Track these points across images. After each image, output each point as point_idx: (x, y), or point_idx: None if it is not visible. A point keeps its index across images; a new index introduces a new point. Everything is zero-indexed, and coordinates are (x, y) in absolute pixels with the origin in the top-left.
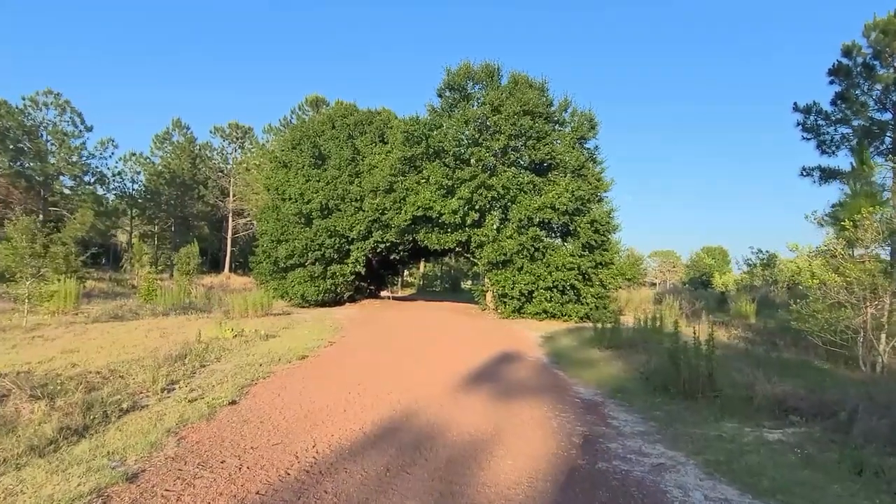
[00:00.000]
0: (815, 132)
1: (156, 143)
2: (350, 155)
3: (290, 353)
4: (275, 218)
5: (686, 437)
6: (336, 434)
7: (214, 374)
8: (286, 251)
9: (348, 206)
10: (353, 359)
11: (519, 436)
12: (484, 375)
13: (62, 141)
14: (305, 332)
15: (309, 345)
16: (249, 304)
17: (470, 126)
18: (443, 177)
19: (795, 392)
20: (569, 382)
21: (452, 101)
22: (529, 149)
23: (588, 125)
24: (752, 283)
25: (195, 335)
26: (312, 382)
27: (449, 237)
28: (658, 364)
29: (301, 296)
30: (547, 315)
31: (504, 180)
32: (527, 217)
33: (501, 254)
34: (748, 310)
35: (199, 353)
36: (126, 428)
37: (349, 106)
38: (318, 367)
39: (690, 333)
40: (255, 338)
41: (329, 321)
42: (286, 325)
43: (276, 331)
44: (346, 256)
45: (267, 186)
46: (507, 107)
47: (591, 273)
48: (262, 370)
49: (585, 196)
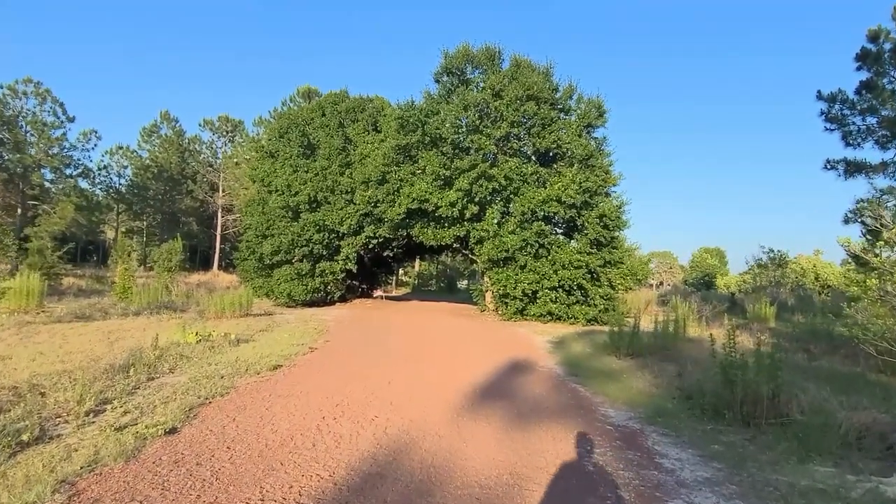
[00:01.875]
0: (840, 122)
1: (143, 136)
2: (341, 144)
3: (262, 362)
4: (260, 211)
5: (770, 488)
6: (295, 486)
7: (162, 391)
8: (271, 247)
9: (338, 198)
10: (336, 369)
11: (547, 489)
12: (491, 392)
13: (42, 131)
14: (285, 335)
15: (286, 351)
16: (226, 303)
17: (470, 112)
18: (440, 166)
19: (881, 418)
20: (593, 401)
21: (450, 86)
22: (533, 136)
23: (596, 112)
24: (761, 283)
25: (152, 340)
26: (280, 402)
27: (446, 232)
28: (698, 378)
29: (287, 295)
30: (552, 317)
31: (506, 170)
32: (531, 210)
33: (503, 250)
34: (768, 313)
35: (151, 363)
36: (10, 474)
37: (340, 93)
38: (290, 381)
39: (713, 338)
40: (224, 343)
41: (314, 323)
42: (265, 327)
43: (252, 334)
44: (335, 253)
45: (252, 178)
46: (510, 91)
47: (599, 272)
48: (222, 385)
49: (594, 188)
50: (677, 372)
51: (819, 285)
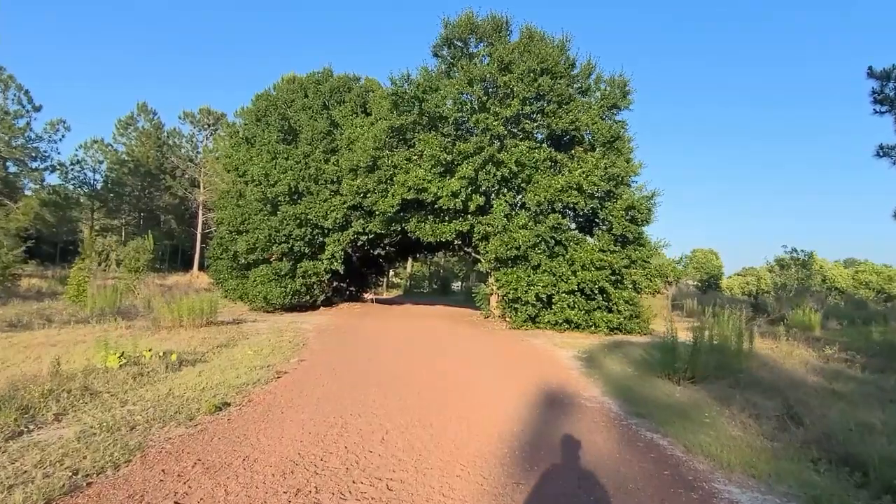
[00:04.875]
0: (893, 104)
1: (119, 128)
2: (325, 128)
3: (202, 397)
4: (234, 204)
5: None
6: None
7: (19, 461)
8: (246, 244)
9: (322, 188)
10: (305, 411)
11: None
12: (533, 453)
13: (1, 119)
14: (249, 353)
15: (242, 379)
16: (184, 310)
17: (475, 88)
18: (440, 150)
19: None
20: (696, 469)
21: (451, 60)
22: (549, 116)
23: (620, 92)
24: (784, 284)
25: (51, 364)
26: (206, 483)
27: (446, 227)
28: (823, 422)
29: (264, 298)
30: (570, 325)
31: (517, 155)
32: (547, 201)
33: (513, 247)
34: (813, 320)
35: (28, 404)
36: None
37: (324, 71)
38: (234, 436)
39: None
40: (160, 366)
41: (290, 334)
42: (226, 340)
43: (205, 351)
44: (320, 251)
45: (226, 167)
46: (522, 64)
47: (624, 273)
48: (124, 446)
49: (621, 175)
50: (784, 410)
51: (826, 288)
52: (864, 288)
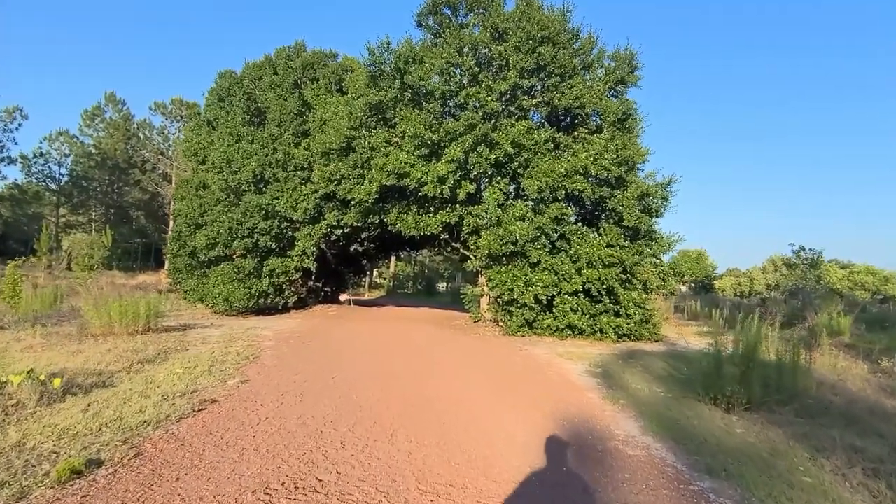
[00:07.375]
0: None
1: (85, 119)
2: (296, 108)
3: (62, 452)
4: (193, 194)
5: None
6: None
7: None
8: (206, 238)
9: (291, 176)
10: (219, 469)
11: None
12: None
13: None
14: (177, 370)
15: (141, 416)
16: (115, 314)
17: (466, 58)
18: (425, 129)
19: None
20: None
21: (439, 28)
22: (550, 91)
23: (627, 66)
24: (791, 284)
25: None
26: None
27: (432, 219)
28: None
29: (225, 300)
30: (573, 332)
31: (514, 135)
32: (549, 188)
33: (508, 242)
34: (843, 324)
35: None
36: None
37: (296, 45)
38: None
39: None
40: (30, 397)
41: (243, 344)
42: (155, 353)
43: (118, 370)
44: (289, 247)
45: (185, 153)
46: (518, 32)
47: (635, 271)
48: None
49: (633, 159)
50: (878, 456)
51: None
52: (859, 289)
